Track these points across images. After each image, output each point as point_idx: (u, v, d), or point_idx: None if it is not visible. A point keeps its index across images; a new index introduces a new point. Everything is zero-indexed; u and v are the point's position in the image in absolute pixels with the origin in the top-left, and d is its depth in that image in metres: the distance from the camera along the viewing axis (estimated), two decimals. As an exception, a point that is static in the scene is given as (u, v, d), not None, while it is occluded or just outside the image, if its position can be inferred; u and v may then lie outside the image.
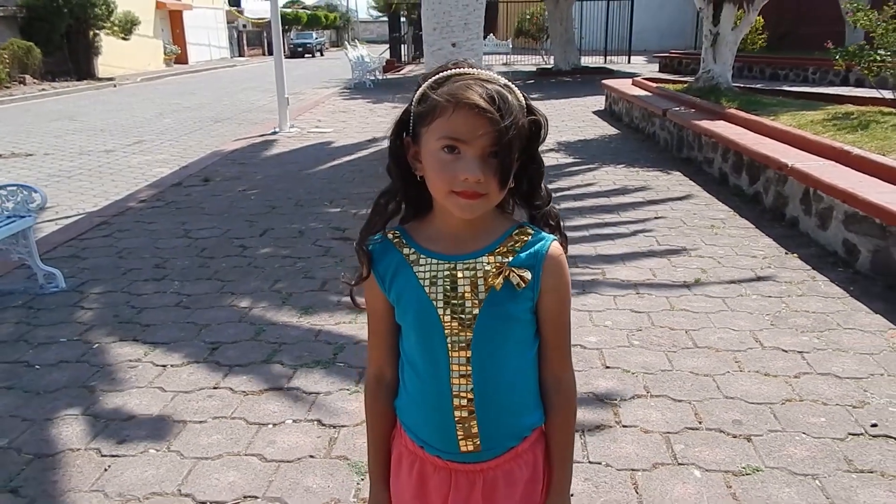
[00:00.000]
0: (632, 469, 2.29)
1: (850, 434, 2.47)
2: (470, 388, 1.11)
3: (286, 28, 42.93)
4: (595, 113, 11.75)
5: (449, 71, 1.06)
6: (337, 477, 2.26)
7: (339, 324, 3.46)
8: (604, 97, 12.20)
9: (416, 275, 1.11)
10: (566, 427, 1.21)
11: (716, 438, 2.46)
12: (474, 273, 1.09)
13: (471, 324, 1.09)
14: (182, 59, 33.56)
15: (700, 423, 2.55)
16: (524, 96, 1.07)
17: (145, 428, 2.56)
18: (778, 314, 3.50)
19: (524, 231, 1.13)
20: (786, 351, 3.11)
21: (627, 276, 4.06)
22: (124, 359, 3.13)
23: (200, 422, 2.60)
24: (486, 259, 1.10)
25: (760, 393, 2.75)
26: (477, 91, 1.00)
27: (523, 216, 1.17)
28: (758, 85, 11.63)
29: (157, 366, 3.06)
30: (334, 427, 2.55)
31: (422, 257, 1.12)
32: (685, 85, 10.45)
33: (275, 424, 2.58)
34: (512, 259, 1.09)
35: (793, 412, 2.61)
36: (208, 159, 8.21)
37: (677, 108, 8.29)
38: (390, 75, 21.54)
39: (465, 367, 1.11)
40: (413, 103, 1.08)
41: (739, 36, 9.98)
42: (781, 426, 2.52)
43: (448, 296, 1.10)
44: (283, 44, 10.67)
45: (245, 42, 44.99)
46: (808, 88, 11.16)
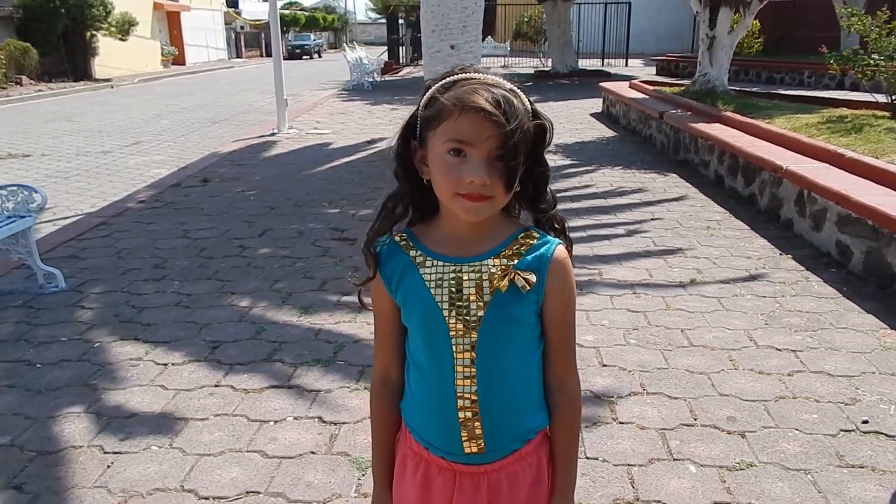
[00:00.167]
0: (628, 464, 2.33)
1: (842, 430, 2.51)
2: (474, 390, 1.12)
3: (284, 29, 42.87)
4: (592, 115, 11.81)
5: (455, 76, 1.07)
6: (338, 473, 2.30)
7: (339, 323, 3.50)
8: (601, 100, 12.26)
9: (423, 277, 1.12)
10: (570, 429, 1.21)
11: (710, 434, 2.50)
12: (479, 276, 1.10)
13: (475, 326, 1.10)
14: (179, 61, 33.55)
15: (695, 420, 2.59)
16: (529, 101, 1.08)
17: (147, 425, 2.59)
18: (772, 314, 3.55)
19: (530, 234, 1.14)
20: (779, 350, 3.15)
21: (624, 277, 4.11)
22: (125, 357, 3.16)
23: (202, 419, 2.63)
24: (492, 262, 1.10)
25: (754, 390, 2.79)
26: (483, 95, 1.01)
27: (530, 220, 1.18)
28: (754, 88, 11.71)
29: (159, 364, 3.09)
30: (335, 424, 2.58)
31: (428, 259, 1.13)
32: (682, 88, 10.51)
33: (276, 421, 2.61)
34: (517, 262, 1.10)
35: (786, 409, 2.65)
36: (207, 160, 8.23)
37: (674, 111, 8.35)
38: (388, 77, 21.60)
39: (470, 369, 1.12)
40: (420, 108, 1.09)
41: (735, 40, 10.05)
42: (775, 423, 2.56)
43: (453, 298, 1.10)
44: (281, 45, 10.70)
45: (242, 43, 44.99)
46: (804, 92, 11.25)
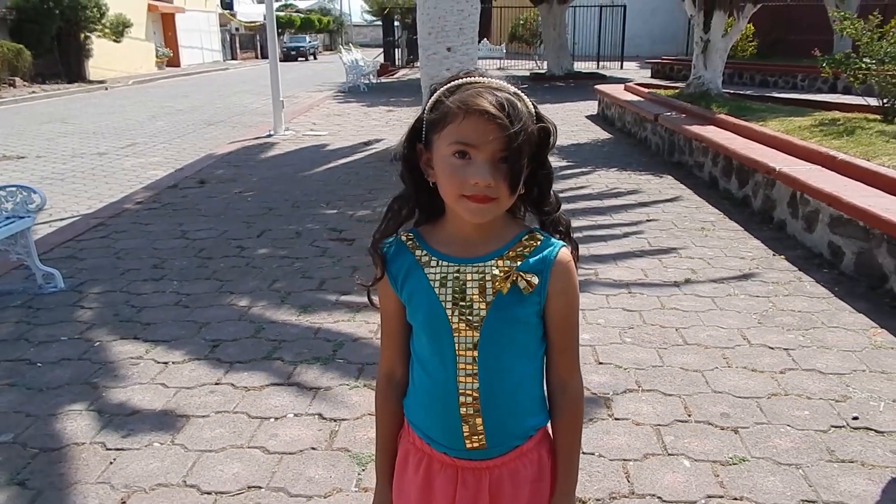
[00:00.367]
0: (624, 459, 2.38)
1: (833, 426, 2.56)
2: (476, 387, 1.14)
3: (279, 31, 42.85)
4: (588, 117, 11.88)
5: (460, 80, 1.09)
6: (339, 468, 2.33)
7: (338, 322, 3.53)
8: (596, 102, 12.33)
9: (427, 276, 1.14)
10: (573, 430, 1.23)
11: (704, 430, 2.54)
12: (483, 276, 1.12)
13: (478, 325, 1.12)
14: (174, 62, 33.52)
15: (689, 416, 2.64)
16: (533, 104, 1.09)
17: (149, 422, 2.62)
18: (765, 313, 3.60)
19: (534, 236, 1.15)
20: (772, 348, 3.20)
21: (620, 276, 4.15)
22: (126, 356, 3.18)
23: (203, 416, 2.66)
24: (495, 263, 1.12)
25: (747, 387, 2.84)
26: (487, 98, 1.03)
27: (535, 222, 1.21)
28: (748, 91, 11.79)
29: (159, 363, 3.11)
30: (335, 420, 2.62)
31: (433, 259, 1.15)
32: (676, 90, 10.58)
33: (276, 418, 2.64)
34: (521, 263, 1.12)
35: (778, 406, 2.70)
36: (203, 161, 8.25)
37: (669, 114, 8.42)
38: (384, 79, 21.62)
39: (472, 367, 1.14)
40: (425, 111, 1.11)
41: (729, 43, 10.13)
42: (767, 419, 2.61)
43: (457, 297, 1.12)
44: (277, 47, 10.74)
45: (238, 45, 44.96)
46: (797, 95, 11.34)
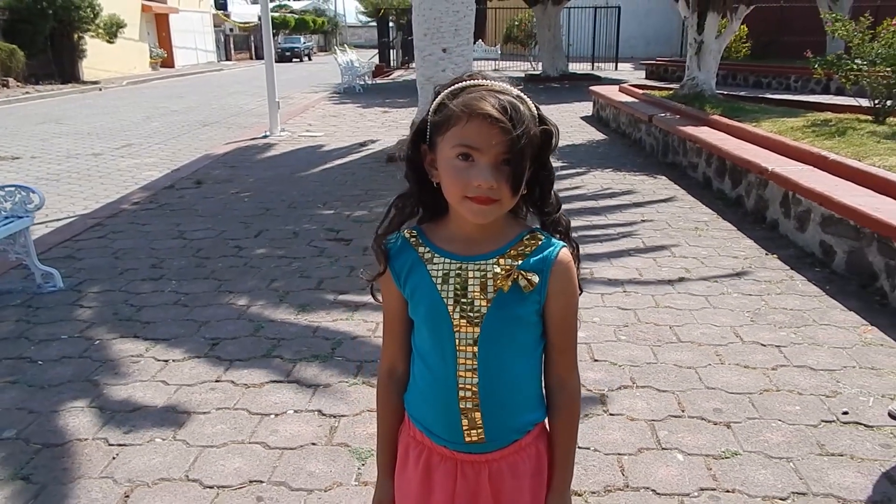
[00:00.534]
0: (618, 453, 2.42)
1: (823, 421, 2.61)
2: (475, 382, 1.16)
3: (274, 32, 42.86)
4: (583, 119, 11.95)
5: (464, 82, 1.11)
6: (338, 462, 2.37)
7: (336, 320, 3.56)
8: (591, 103, 12.40)
9: (430, 272, 1.17)
10: (570, 427, 1.26)
11: (697, 425, 2.59)
12: (484, 274, 1.14)
13: (478, 322, 1.15)
14: (168, 63, 33.44)
15: (683, 412, 2.68)
16: (536, 106, 1.11)
17: (151, 419, 2.65)
18: (757, 311, 3.65)
19: (535, 236, 1.17)
20: (764, 345, 3.26)
21: (614, 275, 4.20)
22: (126, 354, 3.21)
23: (204, 413, 2.69)
24: (497, 261, 1.15)
25: (740, 384, 2.89)
26: (490, 101, 1.05)
27: (537, 222, 1.22)
28: (741, 92, 11.88)
29: (159, 361, 3.14)
30: (334, 417, 2.66)
31: (435, 256, 1.17)
32: (671, 92, 10.67)
33: (277, 415, 2.68)
34: (521, 262, 1.14)
35: (770, 401, 2.75)
36: (200, 162, 8.27)
37: (663, 115, 8.48)
38: (380, 80, 21.65)
39: (472, 362, 1.16)
40: (430, 113, 1.13)
41: (723, 44, 10.22)
42: (759, 414, 2.66)
43: (458, 294, 1.15)
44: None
45: (232, 46, 44.89)
46: (790, 96, 11.42)
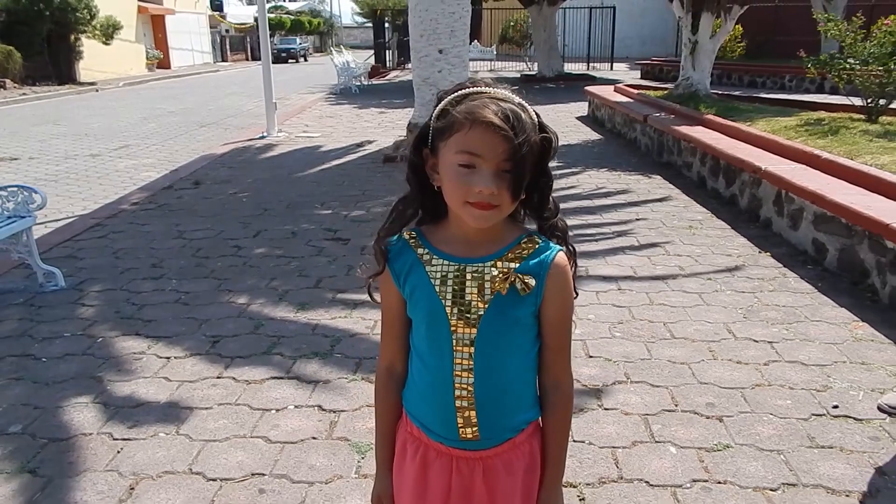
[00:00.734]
0: (613, 447, 2.48)
1: (814, 414, 2.67)
2: (471, 382, 1.19)
3: (270, 33, 42.87)
4: (578, 119, 12.01)
5: (467, 89, 1.13)
6: (339, 456, 2.42)
7: (335, 318, 3.61)
8: (587, 103, 12.46)
9: (428, 274, 1.19)
10: (563, 426, 1.29)
11: (690, 419, 2.64)
12: (482, 276, 1.17)
13: (475, 323, 1.17)
14: (164, 64, 33.43)
15: (676, 406, 2.74)
16: (536, 114, 1.14)
17: (154, 414, 2.70)
18: (750, 308, 3.71)
19: (532, 240, 1.20)
20: (757, 341, 3.31)
21: (609, 273, 4.26)
22: (128, 352, 3.26)
23: (206, 408, 2.74)
24: (494, 264, 1.17)
25: (732, 379, 2.95)
26: (492, 109, 1.08)
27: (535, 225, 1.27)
28: (736, 92, 11.96)
29: (161, 358, 3.19)
30: (334, 412, 2.70)
31: (434, 258, 1.20)
32: (665, 92, 10.73)
33: (277, 410, 2.72)
34: (519, 265, 1.17)
35: (762, 395, 2.81)
36: (198, 163, 8.31)
37: (658, 115, 8.54)
38: (375, 81, 21.68)
39: (468, 362, 1.19)
40: (433, 119, 1.16)
41: (717, 44, 10.29)
42: (751, 408, 2.71)
43: (456, 295, 1.17)
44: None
45: (228, 47, 44.89)
46: (785, 96, 11.52)
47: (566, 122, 11.55)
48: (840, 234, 4.24)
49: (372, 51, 28.05)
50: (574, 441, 2.49)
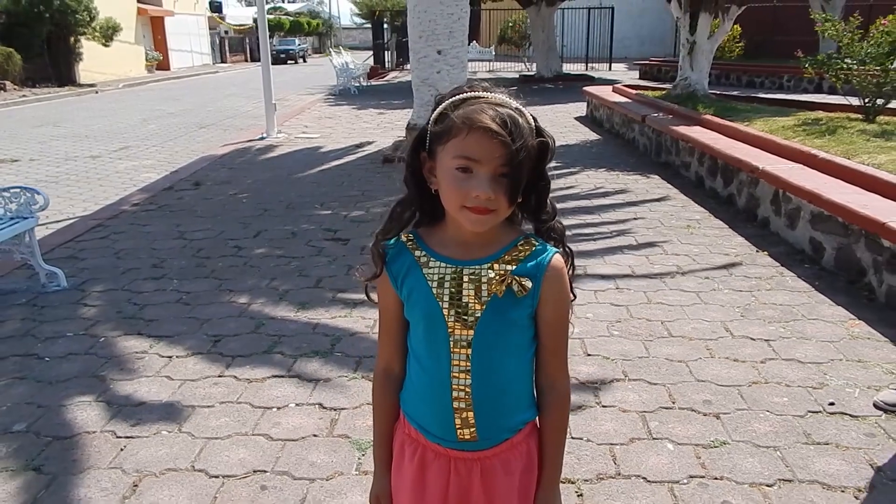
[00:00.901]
0: (611, 443, 2.50)
1: (810, 412, 2.69)
2: (468, 383, 1.20)
3: (269, 34, 42.85)
4: (577, 119, 12.04)
5: (465, 94, 1.14)
6: (340, 453, 2.44)
7: (335, 318, 3.64)
8: (585, 104, 12.49)
9: (426, 276, 1.20)
10: (560, 426, 1.29)
11: (687, 416, 2.67)
12: (479, 278, 1.17)
13: (472, 325, 1.18)
14: (164, 66, 33.47)
15: (673, 403, 2.77)
16: (534, 118, 1.14)
17: (157, 412, 2.72)
18: (747, 306, 3.74)
19: (529, 242, 1.21)
20: (754, 339, 3.34)
21: (607, 272, 4.28)
22: (131, 351, 3.28)
23: (208, 406, 2.76)
24: (491, 266, 1.18)
25: (729, 376, 2.98)
26: (489, 114, 1.08)
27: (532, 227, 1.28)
28: (734, 92, 12.00)
29: (163, 357, 3.21)
30: (335, 410, 2.73)
31: (432, 260, 1.20)
32: (664, 92, 10.75)
33: (279, 408, 2.75)
34: (515, 268, 1.17)
35: (758, 393, 2.83)
36: (198, 164, 8.33)
37: (656, 115, 8.57)
38: (375, 82, 21.72)
39: (465, 363, 1.20)
40: (430, 123, 1.16)
41: (715, 45, 10.31)
42: (747, 405, 2.74)
43: (453, 297, 1.18)
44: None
45: (227, 48, 44.93)
46: (782, 95, 11.56)
47: (564, 123, 11.58)
48: (837, 233, 4.27)
49: (371, 52, 28.09)
50: (572, 438, 2.52)
